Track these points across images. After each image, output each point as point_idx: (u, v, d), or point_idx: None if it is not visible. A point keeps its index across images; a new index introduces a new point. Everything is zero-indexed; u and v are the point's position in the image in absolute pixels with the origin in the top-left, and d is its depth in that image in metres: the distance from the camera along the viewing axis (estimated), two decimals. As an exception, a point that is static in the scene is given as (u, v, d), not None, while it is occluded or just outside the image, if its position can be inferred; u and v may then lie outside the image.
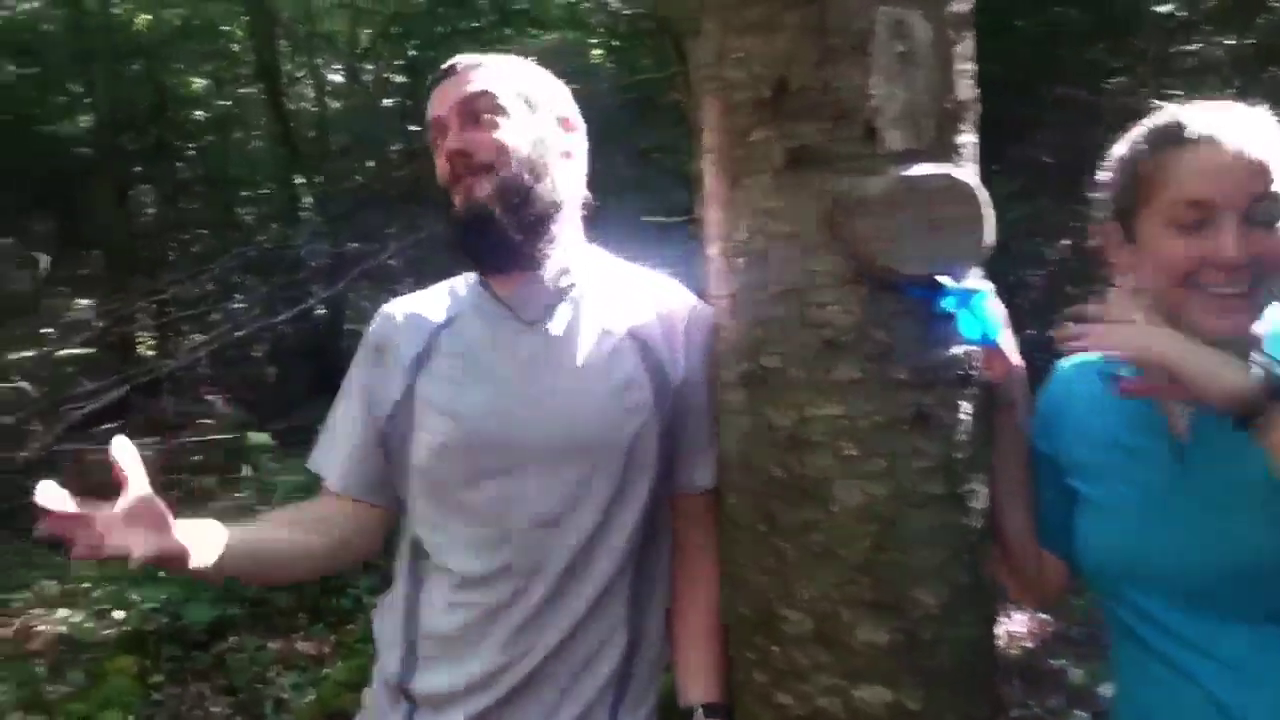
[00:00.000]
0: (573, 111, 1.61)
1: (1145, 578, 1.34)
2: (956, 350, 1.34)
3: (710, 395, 1.50)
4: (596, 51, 10.79)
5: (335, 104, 12.56)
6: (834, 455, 1.33)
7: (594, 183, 1.65)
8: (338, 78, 12.79)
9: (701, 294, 1.54)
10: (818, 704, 1.36)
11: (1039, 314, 4.92)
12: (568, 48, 10.77)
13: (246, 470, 6.79)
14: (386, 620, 1.57)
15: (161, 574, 4.86)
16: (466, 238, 1.49)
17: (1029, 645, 4.04)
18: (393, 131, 10.96)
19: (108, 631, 4.84)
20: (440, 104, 1.53)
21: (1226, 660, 1.27)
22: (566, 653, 1.46)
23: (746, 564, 1.42)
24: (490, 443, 1.46)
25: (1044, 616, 4.20)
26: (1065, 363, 1.50)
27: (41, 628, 4.84)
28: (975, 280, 1.32)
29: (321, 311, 8.90)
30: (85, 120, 9.62)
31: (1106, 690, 3.79)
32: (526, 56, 1.63)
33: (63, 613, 5.01)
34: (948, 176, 1.30)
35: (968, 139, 1.38)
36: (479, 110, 1.50)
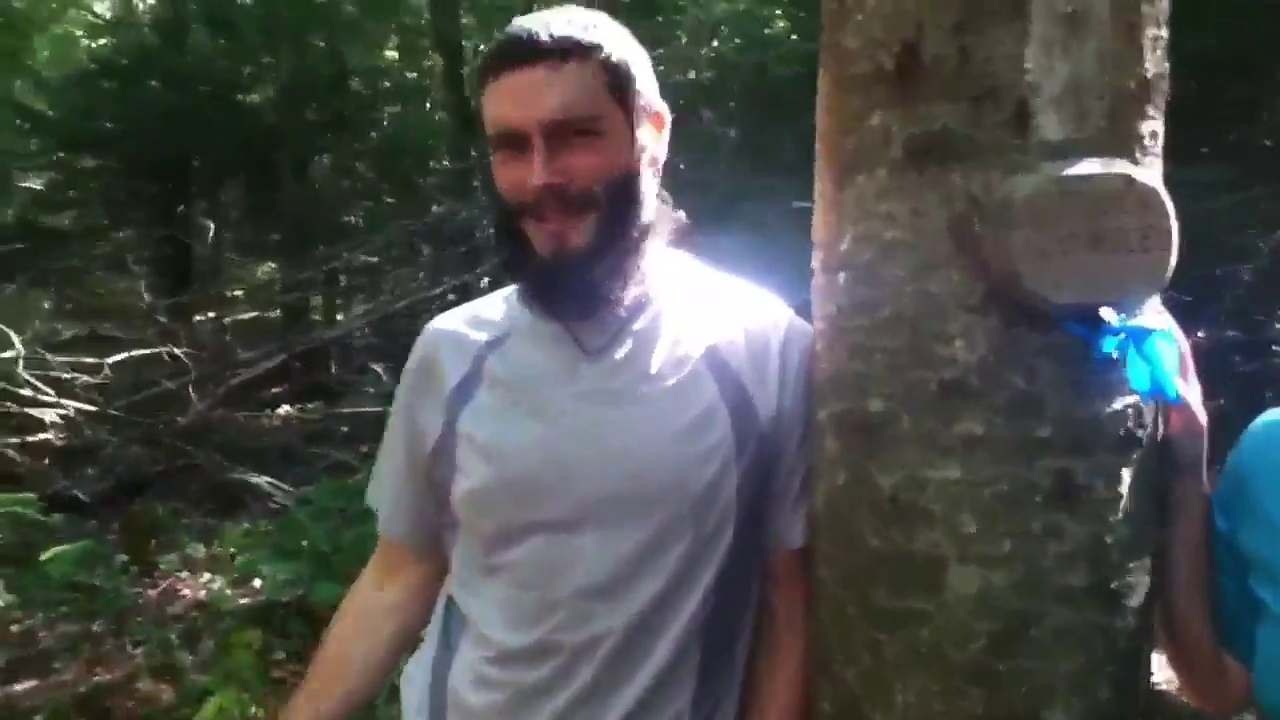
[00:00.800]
0: (659, 98, 1.29)
1: None
2: (1119, 404, 1.03)
3: (808, 435, 1.22)
4: (781, 24, 10.42)
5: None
6: (949, 530, 1.04)
7: (765, 163, 1.36)
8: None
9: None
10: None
11: (1245, 313, 4.34)
12: (748, 15, 10.43)
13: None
14: (414, 684, 1.35)
15: (296, 547, 4.89)
16: (552, 287, 1.21)
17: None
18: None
19: (245, 600, 4.91)
20: (515, 106, 1.17)
21: None
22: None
23: (835, 652, 1.14)
24: (537, 491, 1.21)
25: None
26: (1267, 416, 1.16)
27: (185, 592, 4.94)
28: (1151, 315, 1.01)
29: (485, 283, 8.91)
30: (271, 91, 9.91)
31: None
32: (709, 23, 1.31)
33: (205, 578, 5.11)
34: (1123, 178, 0.99)
35: (1152, 127, 1.06)
36: (579, 128, 1.17)
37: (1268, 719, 1.11)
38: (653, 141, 1.26)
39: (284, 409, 8.19)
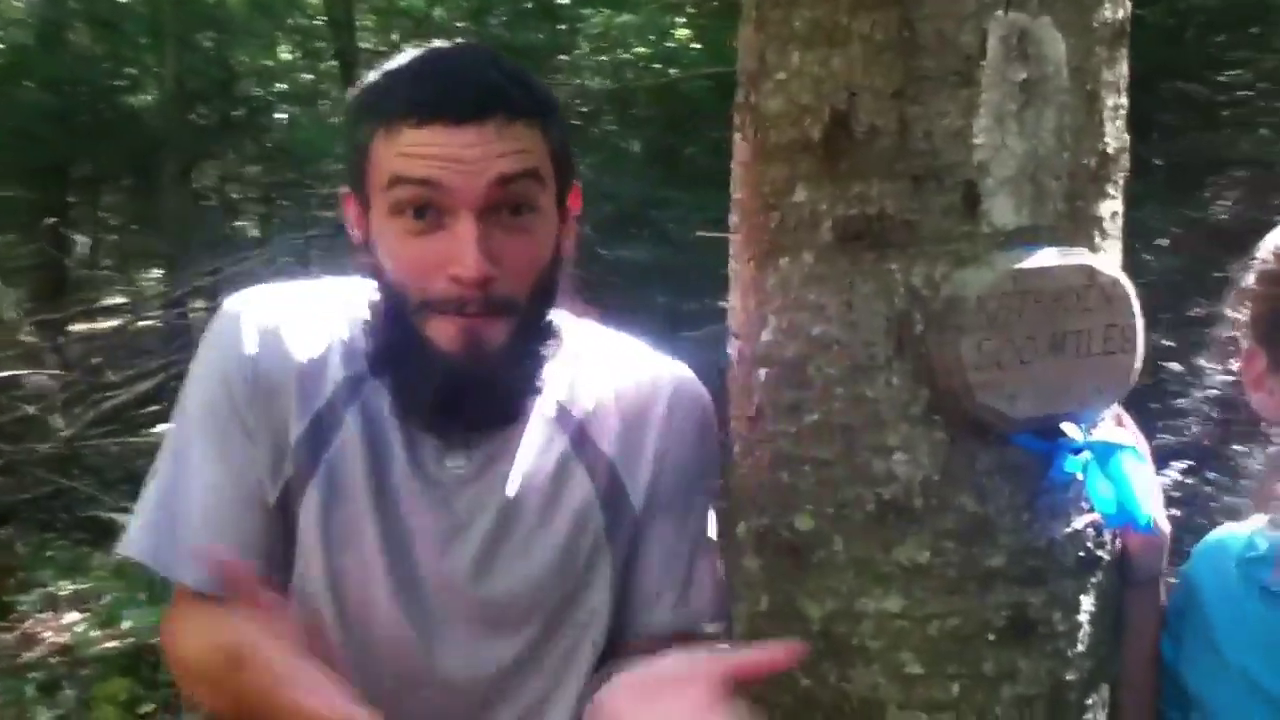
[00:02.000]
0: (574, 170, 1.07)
1: None
2: (1079, 523, 0.91)
3: (691, 509, 1.08)
4: (683, 32, 10.35)
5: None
6: (889, 670, 0.91)
7: (668, 175, 1.18)
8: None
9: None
10: None
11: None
12: (651, 27, 10.34)
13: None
14: None
15: (165, 591, 4.59)
16: (454, 395, 0.98)
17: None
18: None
19: (114, 644, 4.59)
20: (445, 168, 0.93)
21: None
22: None
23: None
24: (389, 654, 1.02)
25: None
26: (1213, 535, 1.06)
27: (46, 635, 4.60)
28: (1115, 429, 0.89)
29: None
30: (155, 94, 9.51)
31: None
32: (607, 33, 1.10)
33: (71, 617, 4.77)
34: (1085, 271, 0.87)
35: (1112, 208, 0.94)
36: (516, 200, 0.96)
37: None
38: (570, 232, 1.06)
39: (161, 428, 7.80)
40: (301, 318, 1.05)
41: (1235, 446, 0.79)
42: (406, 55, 1.00)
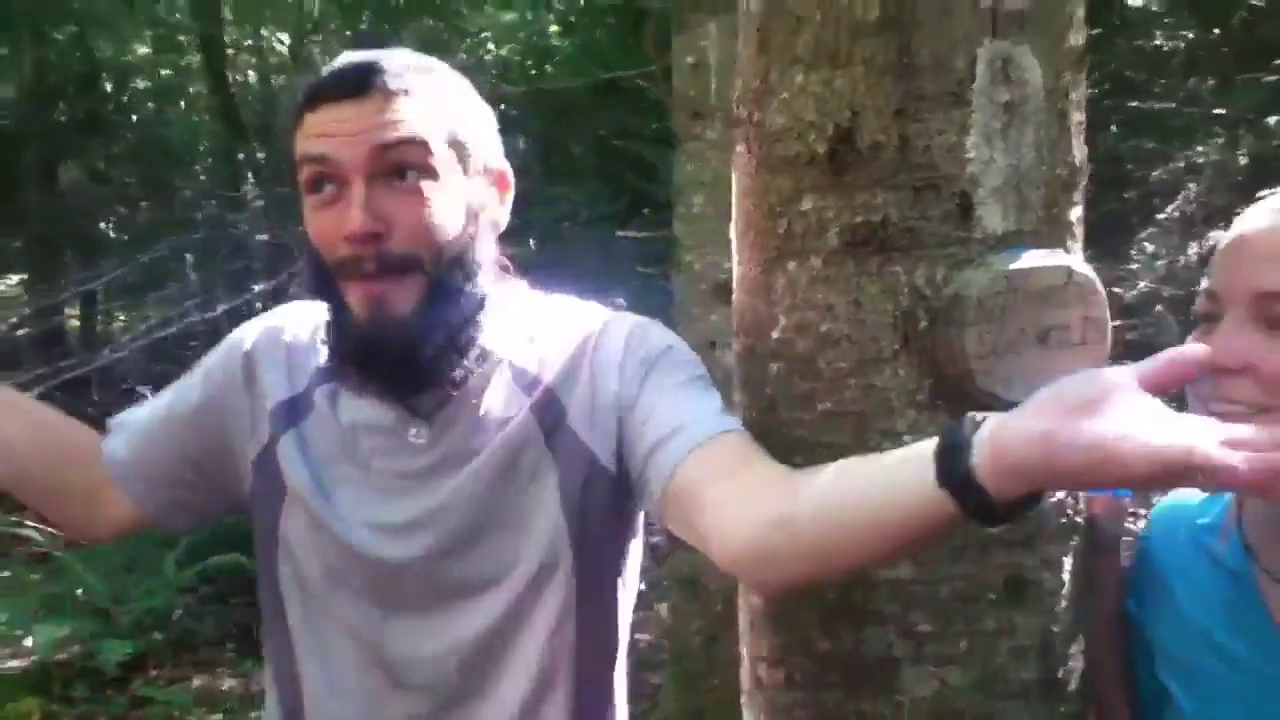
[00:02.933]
0: (501, 154, 1.17)
1: None
2: (1059, 493, 1.03)
3: (668, 372, 1.11)
4: (554, 28, 10.41)
5: (280, 78, 12.07)
6: (902, 632, 1.01)
7: (552, 171, 1.24)
8: (283, 48, 12.29)
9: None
10: None
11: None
12: (526, 26, 10.38)
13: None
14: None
15: (72, 600, 4.46)
16: (370, 361, 1.07)
17: None
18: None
19: (13, 663, 4.43)
20: (337, 140, 1.03)
21: None
22: None
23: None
24: (358, 567, 1.13)
25: None
26: (1163, 502, 1.19)
27: (-65, 657, 4.42)
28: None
29: (260, 305, 8.47)
30: (7, 89, 9.06)
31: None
32: (482, 34, 1.19)
33: (-39, 639, 4.59)
34: (1064, 270, 0.98)
35: (1079, 213, 1.06)
36: (403, 164, 1.04)
37: None
38: (493, 202, 1.15)
39: None
40: (303, 320, 1.21)
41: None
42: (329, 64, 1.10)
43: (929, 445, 0.81)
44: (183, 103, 11.05)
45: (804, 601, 1.05)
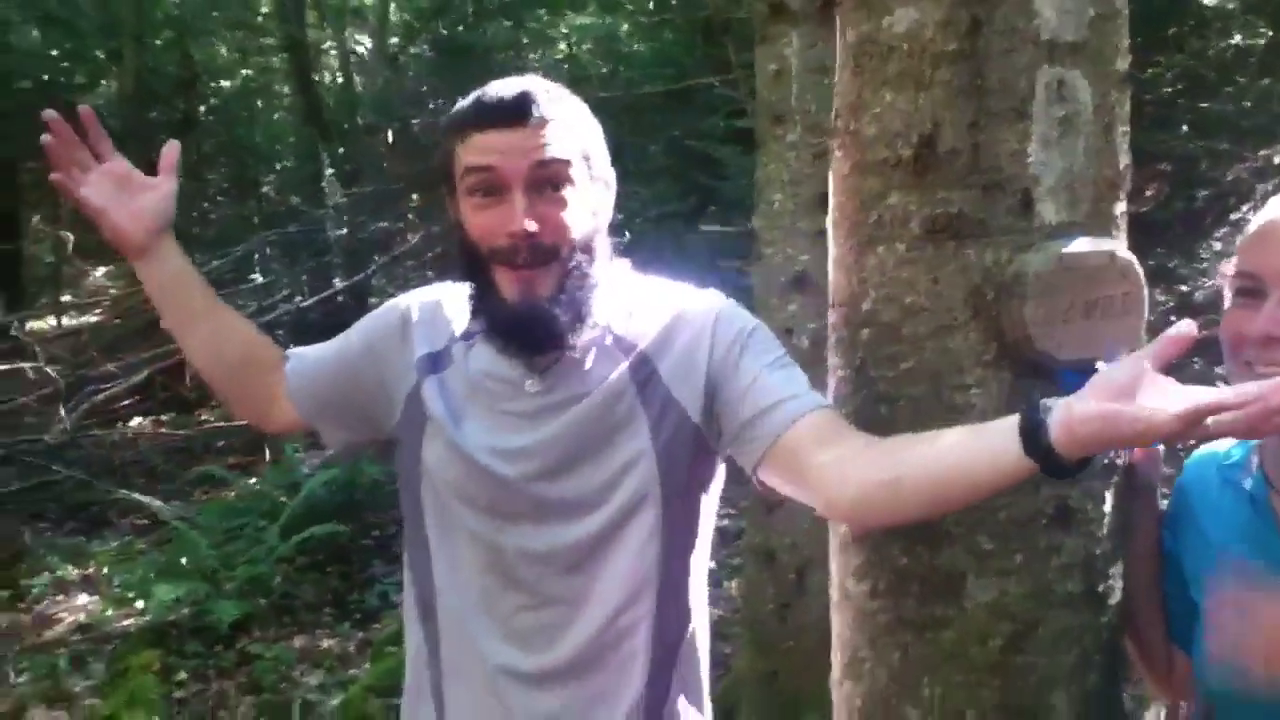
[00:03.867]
0: (608, 164, 1.45)
1: (1268, 708, 1.22)
2: (1105, 442, 1.25)
3: (760, 353, 1.36)
4: (625, 28, 10.67)
5: (361, 79, 12.48)
6: (969, 550, 1.24)
7: (625, 170, 1.51)
8: (364, 50, 12.69)
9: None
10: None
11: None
12: (600, 29, 10.64)
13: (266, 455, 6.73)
14: (409, 625, 1.53)
15: (183, 566, 4.80)
16: (517, 329, 1.36)
17: None
18: (419, 109, 10.86)
19: (127, 622, 4.80)
20: (502, 156, 1.31)
21: None
22: (580, 683, 1.39)
23: (867, 654, 1.32)
24: (481, 486, 1.40)
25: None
26: (1198, 451, 1.40)
27: (61, 615, 4.79)
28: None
29: (342, 299, 8.83)
30: (109, 91, 9.53)
31: None
32: (561, 40, 1.45)
33: (82, 599, 4.96)
34: (1108, 254, 1.20)
35: (1122, 209, 1.28)
36: (552, 179, 1.33)
37: (1206, 698, 1.33)
38: (606, 204, 1.43)
39: (136, 421, 7.93)
40: (449, 294, 1.51)
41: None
42: (480, 89, 1.38)
43: (1010, 424, 1.07)
44: (278, 105, 11.49)
45: (889, 531, 1.28)
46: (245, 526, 5.14)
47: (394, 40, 11.89)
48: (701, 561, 1.47)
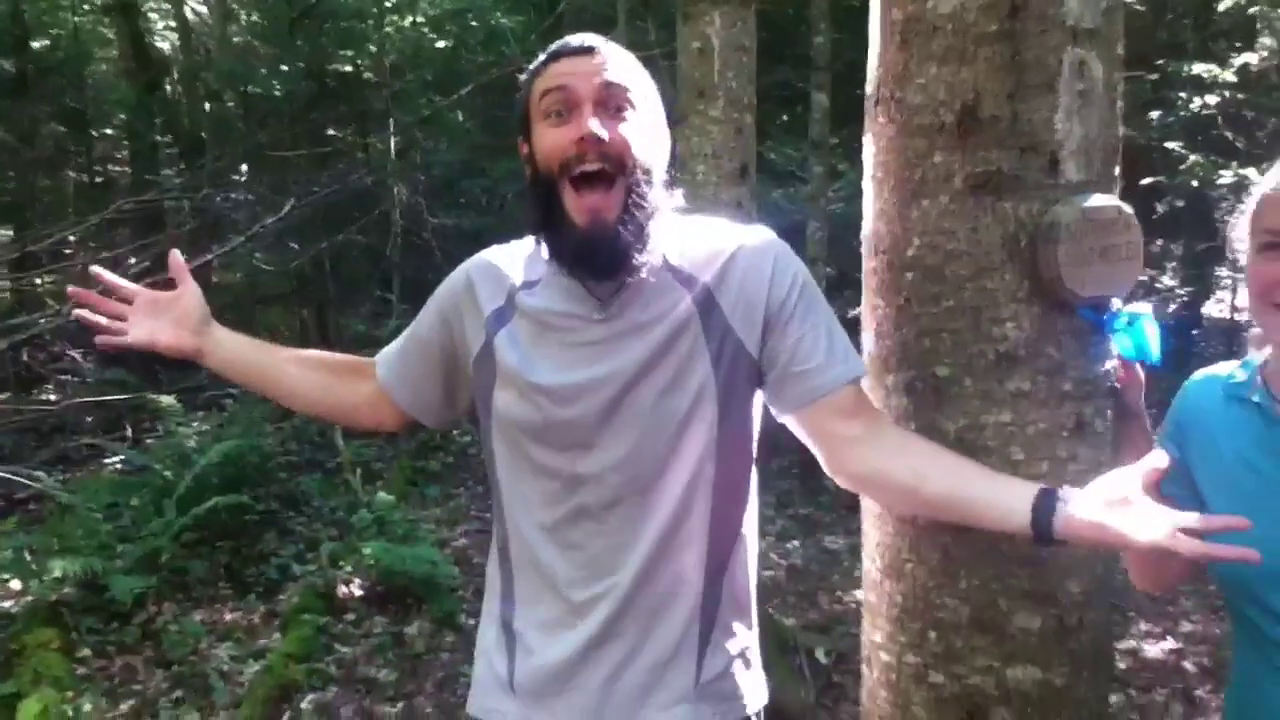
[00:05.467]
0: (663, 118, 1.60)
1: (1273, 581, 1.44)
2: (1108, 365, 1.48)
3: (809, 310, 1.52)
4: (502, 20, 10.66)
5: (197, 44, 12.00)
6: (1003, 459, 1.45)
7: (490, 149, 1.67)
8: (200, 13, 12.20)
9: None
10: (970, 683, 1.49)
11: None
12: (473, 10, 10.55)
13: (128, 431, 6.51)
14: (490, 563, 1.67)
15: (74, 545, 4.65)
16: (586, 252, 1.49)
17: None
18: (260, 78, 10.55)
19: (6, 603, 4.62)
20: (571, 77, 1.47)
21: None
22: (642, 595, 1.53)
23: (909, 555, 1.53)
24: (556, 419, 1.52)
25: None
26: (1196, 376, 1.63)
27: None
28: (1138, 303, 1.46)
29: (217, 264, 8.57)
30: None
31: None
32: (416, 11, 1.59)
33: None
34: (1117, 208, 1.43)
35: (1118, 169, 1.51)
36: (616, 101, 1.48)
37: (1222, 586, 1.56)
38: (664, 142, 1.57)
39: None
40: (504, 251, 1.65)
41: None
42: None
43: (1026, 497, 1.35)
44: (104, 66, 10.94)
45: (928, 438, 1.48)
46: (130, 502, 5.00)
47: (234, 6, 11.50)
48: (750, 484, 1.64)
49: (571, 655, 1.53)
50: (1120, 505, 1.29)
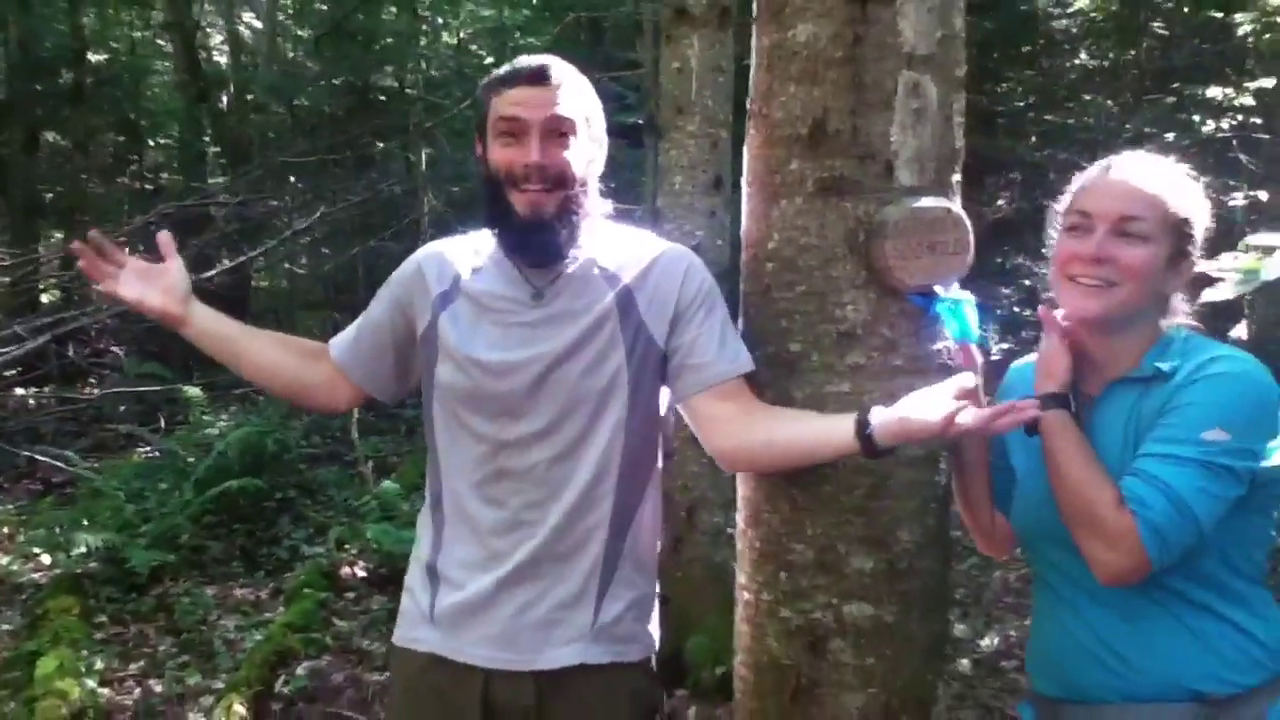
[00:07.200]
0: (604, 129, 1.87)
1: (1055, 539, 1.66)
2: (939, 345, 1.71)
3: (709, 314, 1.78)
4: (516, 25, 11.02)
5: (247, 59, 12.47)
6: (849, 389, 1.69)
7: None
8: (254, 29, 12.67)
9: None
10: (814, 617, 1.72)
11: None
12: (499, 25, 10.94)
13: (161, 421, 6.86)
14: (422, 515, 1.91)
15: (101, 523, 4.98)
16: (525, 240, 1.76)
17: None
18: (305, 91, 10.98)
19: (36, 575, 4.95)
20: (525, 108, 1.72)
21: (1115, 606, 1.62)
22: (552, 546, 1.76)
23: (764, 506, 1.76)
24: (489, 390, 1.77)
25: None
26: (1018, 362, 1.87)
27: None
28: (960, 290, 1.69)
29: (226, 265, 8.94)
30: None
31: (985, 641, 4.29)
32: (451, 31, 1.84)
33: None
34: (945, 208, 1.66)
35: (957, 178, 1.75)
36: (561, 128, 1.74)
37: (1024, 545, 1.80)
38: (599, 159, 1.85)
39: (18, 391, 7.92)
40: (451, 243, 1.91)
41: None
42: (512, 61, 1.81)
43: (849, 422, 1.57)
44: (161, 80, 11.42)
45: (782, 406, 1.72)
46: (155, 485, 5.34)
47: (281, 19, 11.96)
48: (654, 456, 1.87)
49: (485, 591, 1.78)
50: (917, 404, 1.53)
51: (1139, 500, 1.49)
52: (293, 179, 10.55)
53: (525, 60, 1.77)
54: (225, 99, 11.86)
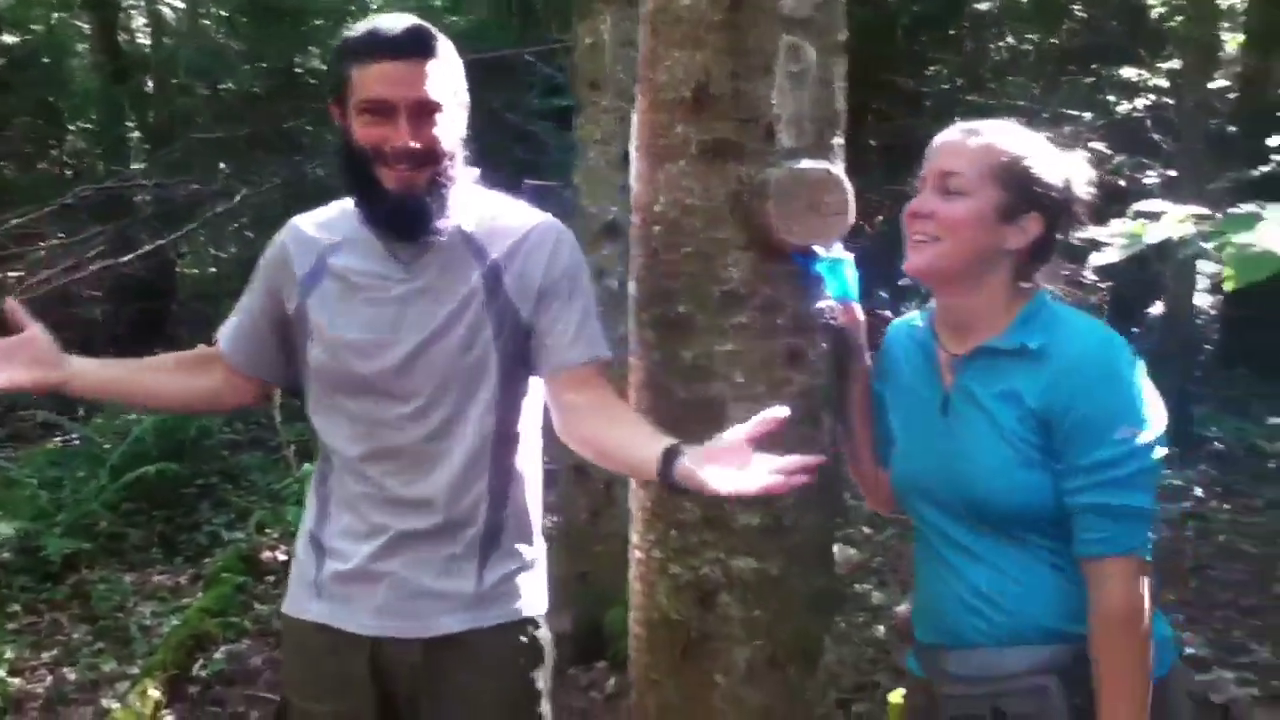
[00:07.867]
0: (465, 89, 1.81)
1: (925, 495, 1.72)
2: (822, 304, 1.75)
3: (572, 295, 1.80)
4: (443, 5, 10.91)
5: (169, 40, 12.21)
6: (728, 382, 1.72)
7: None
8: (176, 9, 12.41)
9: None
10: (702, 572, 1.75)
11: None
12: (428, 5, 10.83)
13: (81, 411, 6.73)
14: (310, 490, 1.91)
15: (15, 512, 4.88)
16: (397, 216, 1.73)
17: (841, 574, 4.58)
18: (231, 72, 10.78)
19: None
20: (391, 87, 1.66)
21: (983, 557, 1.66)
22: (430, 520, 1.77)
23: (654, 466, 1.79)
24: (362, 354, 1.77)
25: (852, 551, 4.80)
26: (897, 321, 1.91)
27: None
28: (840, 251, 1.73)
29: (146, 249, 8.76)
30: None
31: (901, 608, 4.38)
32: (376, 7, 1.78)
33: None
34: (826, 170, 1.70)
35: (839, 141, 1.78)
36: (429, 108, 1.69)
37: (900, 501, 1.84)
38: (463, 121, 1.81)
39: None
40: (312, 217, 1.88)
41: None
42: (371, 21, 1.75)
43: (658, 451, 1.54)
44: (76, 61, 11.14)
45: (669, 369, 1.74)
46: (72, 473, 5.24)
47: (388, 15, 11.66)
48: (529, 430, 1.89)
49: (365, 561, 1.79)
50: (724, 455, 1.49)
51: (1107, 541, 1.54)
52: (222, 165, 10.37)
53: (387, 25, 1.71)
54: (150, 82, 11.60)
